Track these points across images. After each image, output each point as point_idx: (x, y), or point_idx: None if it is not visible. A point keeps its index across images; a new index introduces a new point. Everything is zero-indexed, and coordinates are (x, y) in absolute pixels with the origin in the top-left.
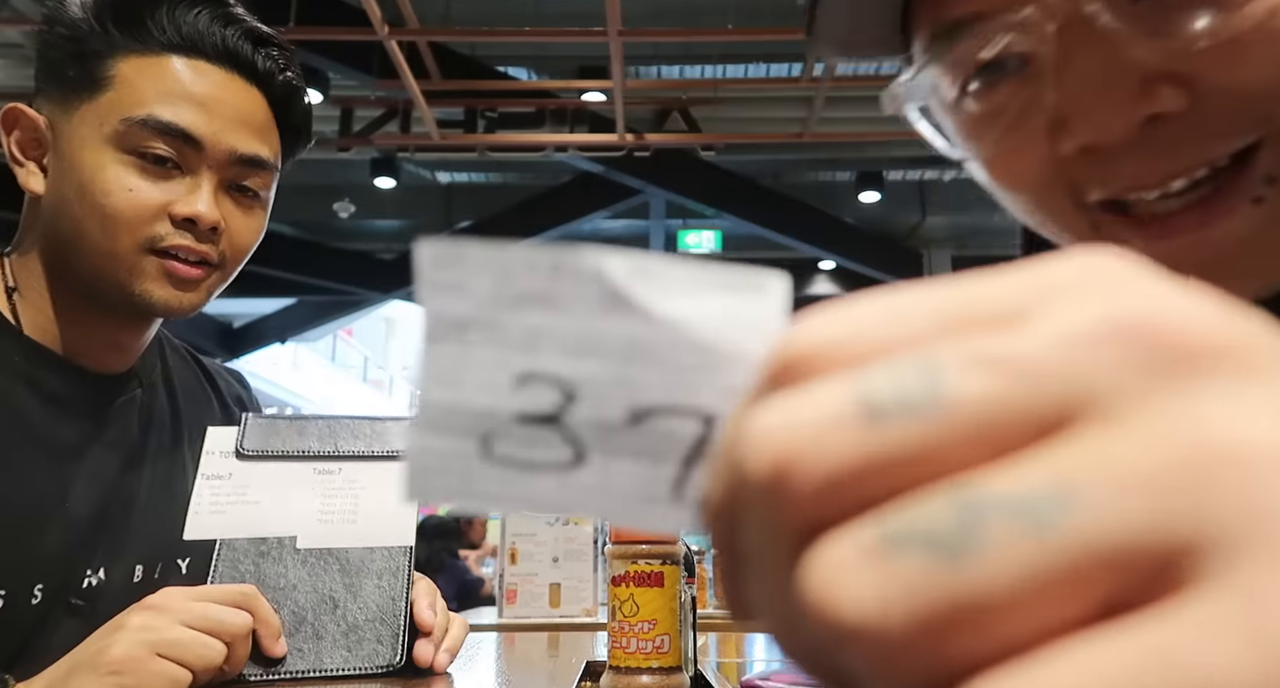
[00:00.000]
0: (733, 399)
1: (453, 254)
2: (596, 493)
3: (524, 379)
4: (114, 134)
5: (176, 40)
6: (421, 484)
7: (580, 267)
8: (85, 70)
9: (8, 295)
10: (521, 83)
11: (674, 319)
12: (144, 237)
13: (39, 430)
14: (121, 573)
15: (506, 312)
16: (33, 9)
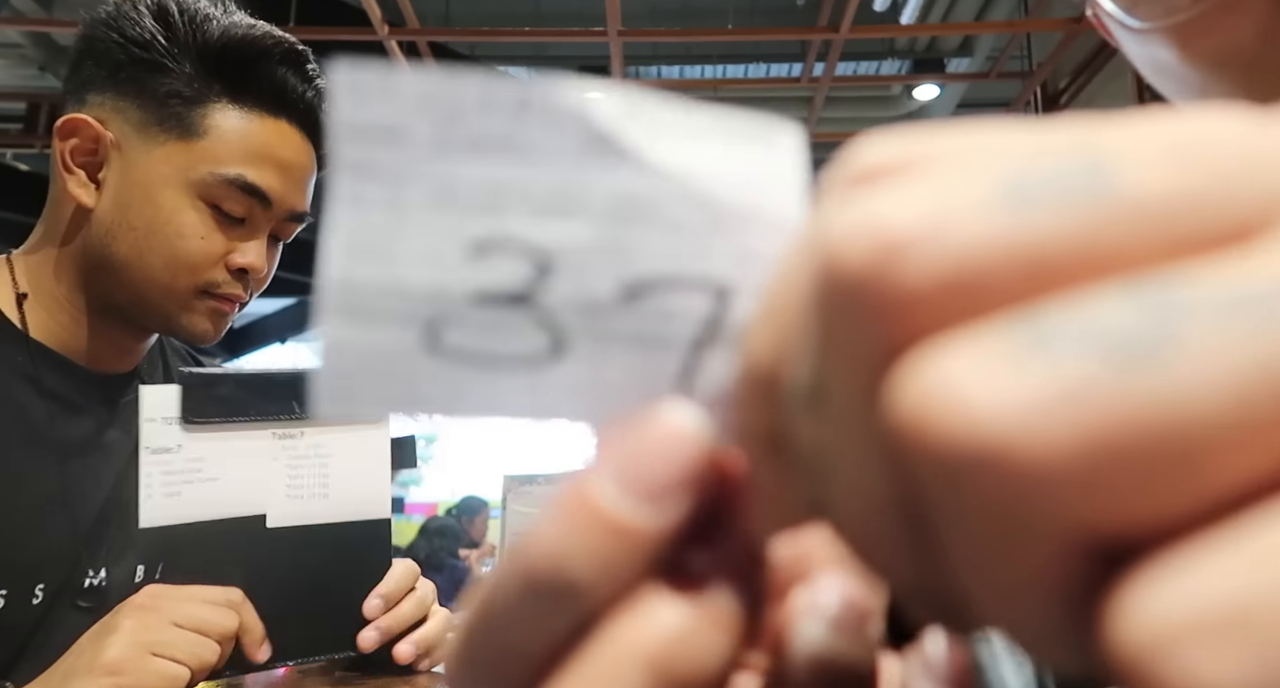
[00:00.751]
0: (750, 265)
1: (379, 86)
2: (581, 391)
3: (482, 247)
4: (200, 182)
5: (270, 98)
6: (345, 390)
7: (555, 104)
8: (178, 112)
9: (18, 302)
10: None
11: (675, 170)
12: (203, 281)
13: (43, 430)
14: (123, 573)
15: (457, 161)
16: (33, 9)
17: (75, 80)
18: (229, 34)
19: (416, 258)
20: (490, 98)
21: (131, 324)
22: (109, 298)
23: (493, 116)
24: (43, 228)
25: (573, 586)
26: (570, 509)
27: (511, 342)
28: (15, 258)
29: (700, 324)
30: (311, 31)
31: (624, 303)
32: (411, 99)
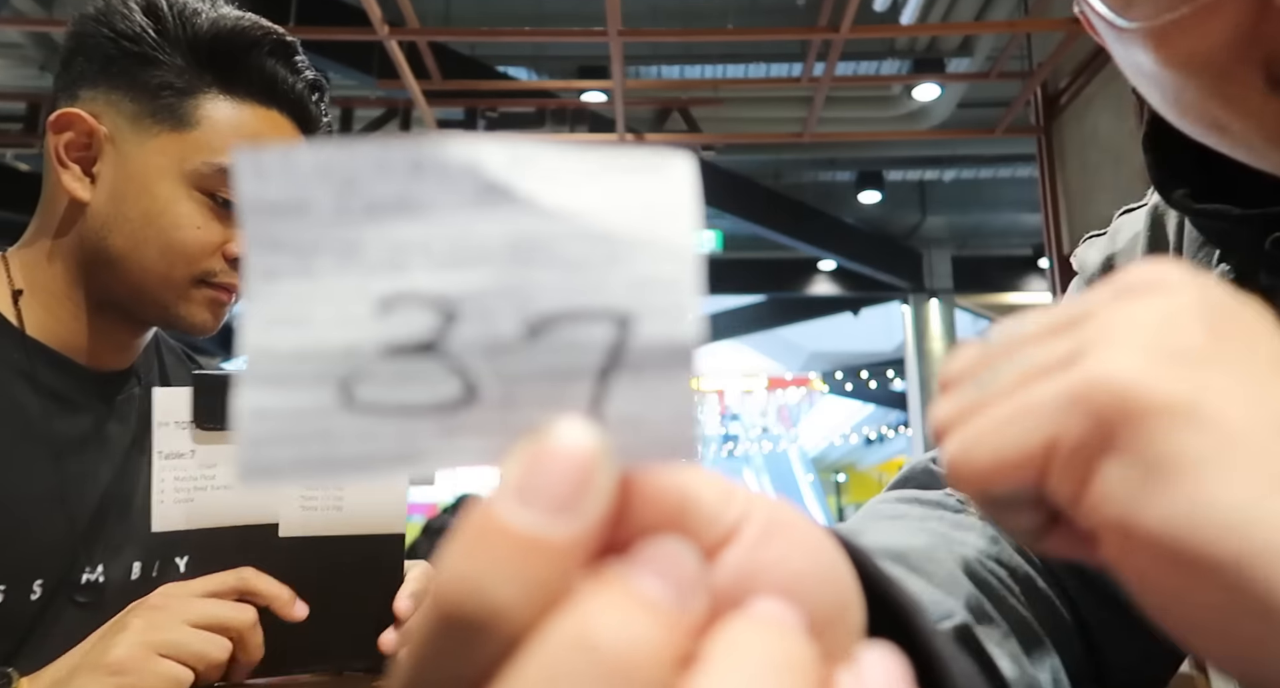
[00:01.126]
0: (648, 291)
1: (280, 164)
2: (496, 431)
3: (388, 303)
4: (194, 173)
5: (260, 88)
6: (265, 457)
7: (446, 161)
8: (170, 102)
9: (13, 299)
10: (522, 83)
11: (568, 210)
12: (199, 270)
13: (40, 428)
14: (119, 570)
15: (359, 225)
16: (33, 9)
17: (66, 77)
18: (218, 25)
19: (328, 320)
20: (384, 162)
21: (129, 318)
22: (107, 292)
23: (388, 180)
24: (37, 224)
25: (494, 609)
26: (478, 534)
27: (423, 390)
28: (11, 254)
29: (604, 352)
30: (311, 31)
31: (528, 341)
32: (310, 172)
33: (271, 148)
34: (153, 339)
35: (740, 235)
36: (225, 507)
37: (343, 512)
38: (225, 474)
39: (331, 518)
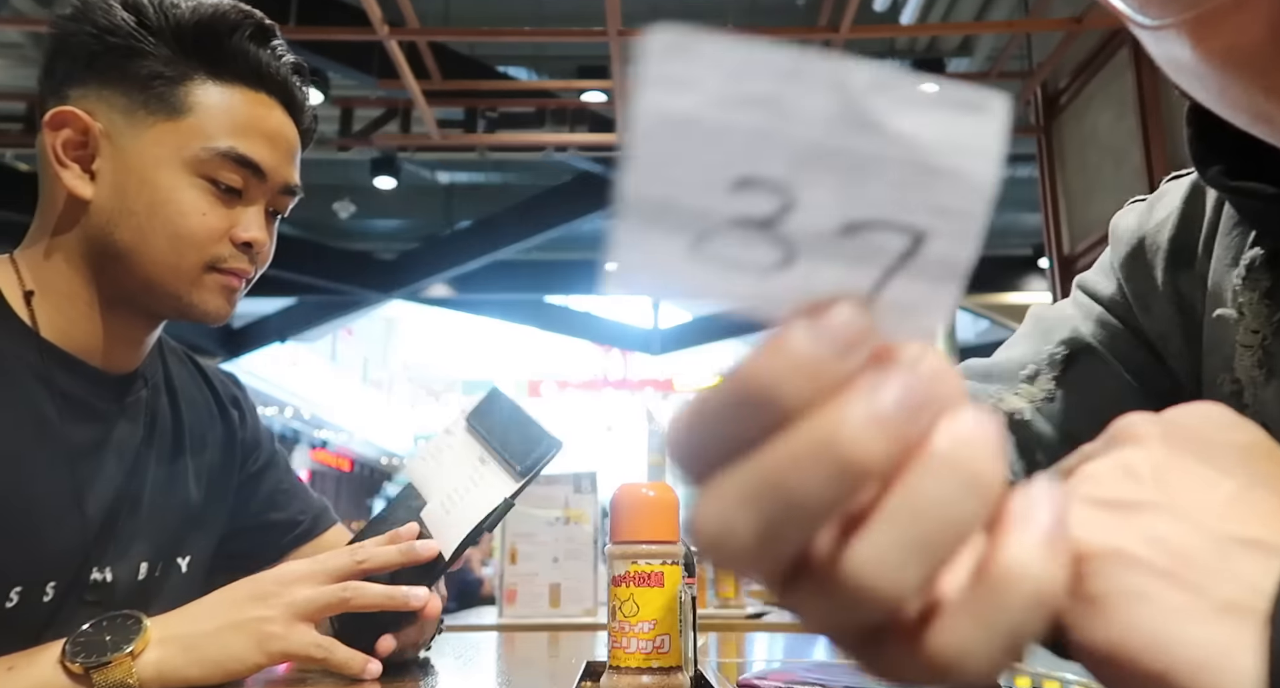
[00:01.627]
0: (946, 218)
1: (685, 45)
2: (794, 292)
3: (744, 183)
4: (193, 159)
5: (245, 71)
6: (626, 277)
7: (819, 73)
8: (160, 91)
9: (26, 299)
10: (522, 83)
11: (906, 136)
12: (209, 256)
13: (54, 430)
14: (127, 571)
15: (734, 111)
16: (33, 9)
17: (51, 80)
18: (199, 12)
19: (693, 185)
20: (768, 63)
21: (142, 312)
22: (118, 287)
23: (768, 78)
24: (38, 224)
25: (777, 395)
26: (778, 345)
27: (752, 253)
28: (18, 256)
29: (896, 257)
30: (311, 31)
31: (843, 235)
32: (707, 58)
33: (681, 30)
34: (156, 342)
35: None
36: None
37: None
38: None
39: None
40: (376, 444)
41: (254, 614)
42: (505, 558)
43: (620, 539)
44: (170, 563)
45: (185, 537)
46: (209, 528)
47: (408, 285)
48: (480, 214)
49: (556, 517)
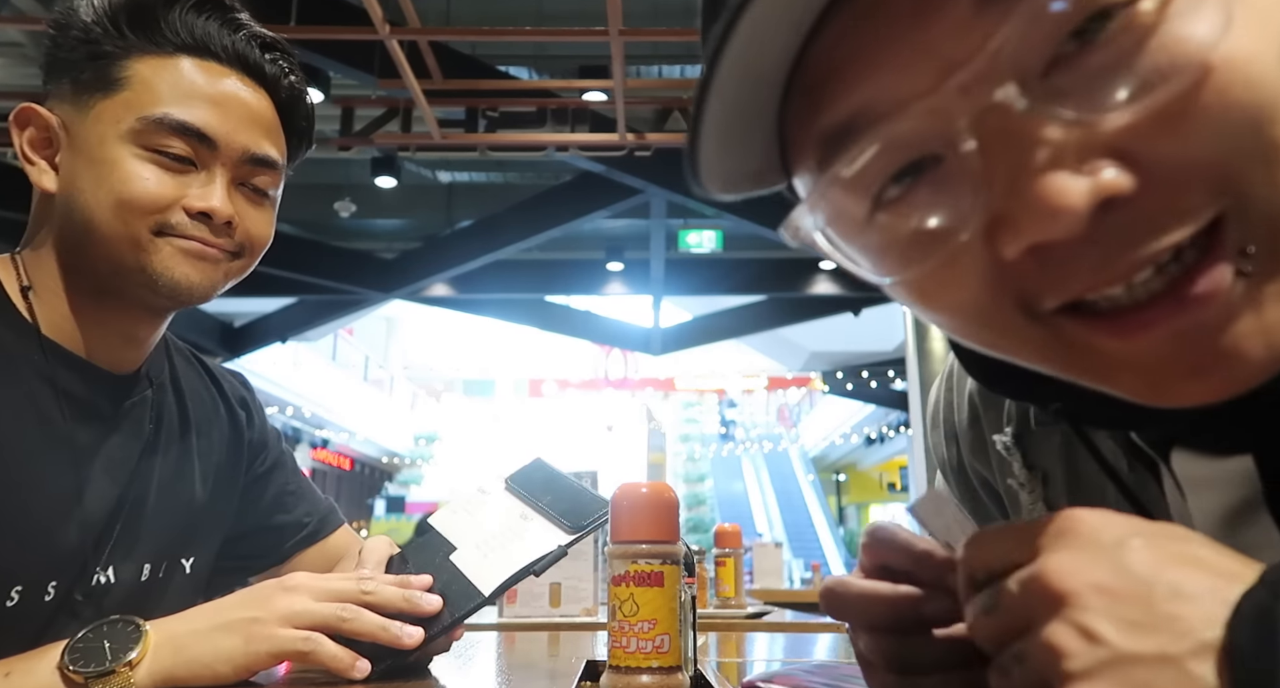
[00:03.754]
0: None
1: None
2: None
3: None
4: (131, 131)
5: (189, 41)
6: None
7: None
8: (100, 70)
9: (24, 295)
10: (522, 82)
11: None
12: (157, 222)
13: (58, 430)
14: (130, 572)
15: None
16: (33, 8)
17: (43, 93)
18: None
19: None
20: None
21: (125, 299)
22: (92, 274)
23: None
24: (30, 224)
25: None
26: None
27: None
28: (19, 255)
29: None
30: (312, 31)
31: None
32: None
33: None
34: (162, 341)
35: (740, 235)
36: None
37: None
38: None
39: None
40: (377, 443)
41: (244, 615)
42: None
43: (620, 539)
44: (174, 564)
45: (190, 537)
46: (214, 529)
47: (408, 285)
48: (481, 213)
49: None
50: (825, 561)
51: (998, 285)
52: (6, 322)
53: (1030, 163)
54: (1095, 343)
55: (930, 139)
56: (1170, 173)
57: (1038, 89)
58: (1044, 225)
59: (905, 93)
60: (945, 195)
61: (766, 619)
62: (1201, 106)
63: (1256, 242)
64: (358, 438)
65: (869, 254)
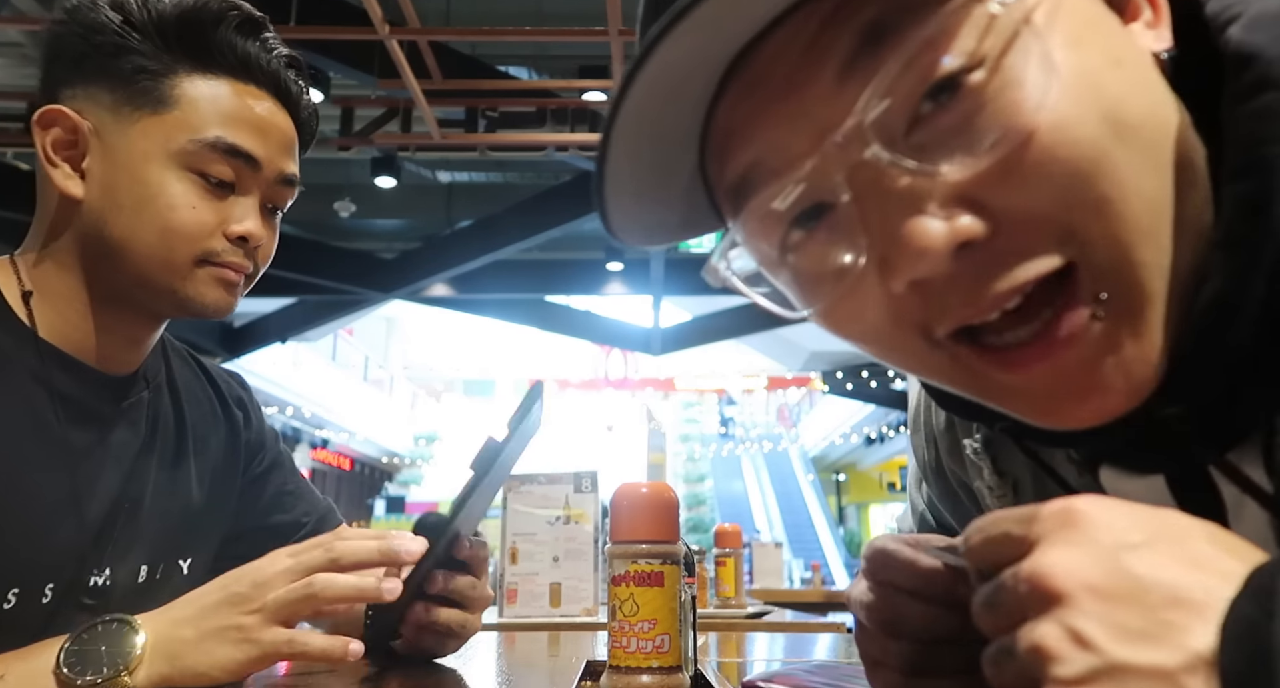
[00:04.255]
0: None
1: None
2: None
3: None
4: (181, 152)
5: (232, 62)
6: None
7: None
8: (146, 85)
9: (25, 300)
10: (522, 82)
11: None
12: (201, 250)
13: (54, 432)
14: (127, 573)
15: None
16: (33, 8)
17: (46, 83)
18: (182, 5)
19: None
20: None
21: (140, 309)
22: (112, 284)
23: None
24: (36, 225)
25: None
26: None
27: None
28: (18, 258)
29: None
30: (312, 31)
31: None
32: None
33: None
34: (159, 341)
35: None
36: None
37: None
38: None
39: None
40: (377, 443)
41: (232, 622)
42: (505, 558)
43: (620, 539)
44: (171, 565)
45: (187, 539)
46: (211, 530)
47: (408, 285)
48: (480, 213)
49: (557, 516)
50: (825, 561)
51: (896, 316)
52: (2, 327)
53: (898, 210)
54: (990, 374)
55: (815, 191)
56: (1014, 219)
57: (900, 145)
58: (914, 264)
59: (789, 152)
60: (839, 237)
61: (766, 619)
62: (1030, 163)
63: (1107, 289)
64: (357, 438)
65: (787, 289)
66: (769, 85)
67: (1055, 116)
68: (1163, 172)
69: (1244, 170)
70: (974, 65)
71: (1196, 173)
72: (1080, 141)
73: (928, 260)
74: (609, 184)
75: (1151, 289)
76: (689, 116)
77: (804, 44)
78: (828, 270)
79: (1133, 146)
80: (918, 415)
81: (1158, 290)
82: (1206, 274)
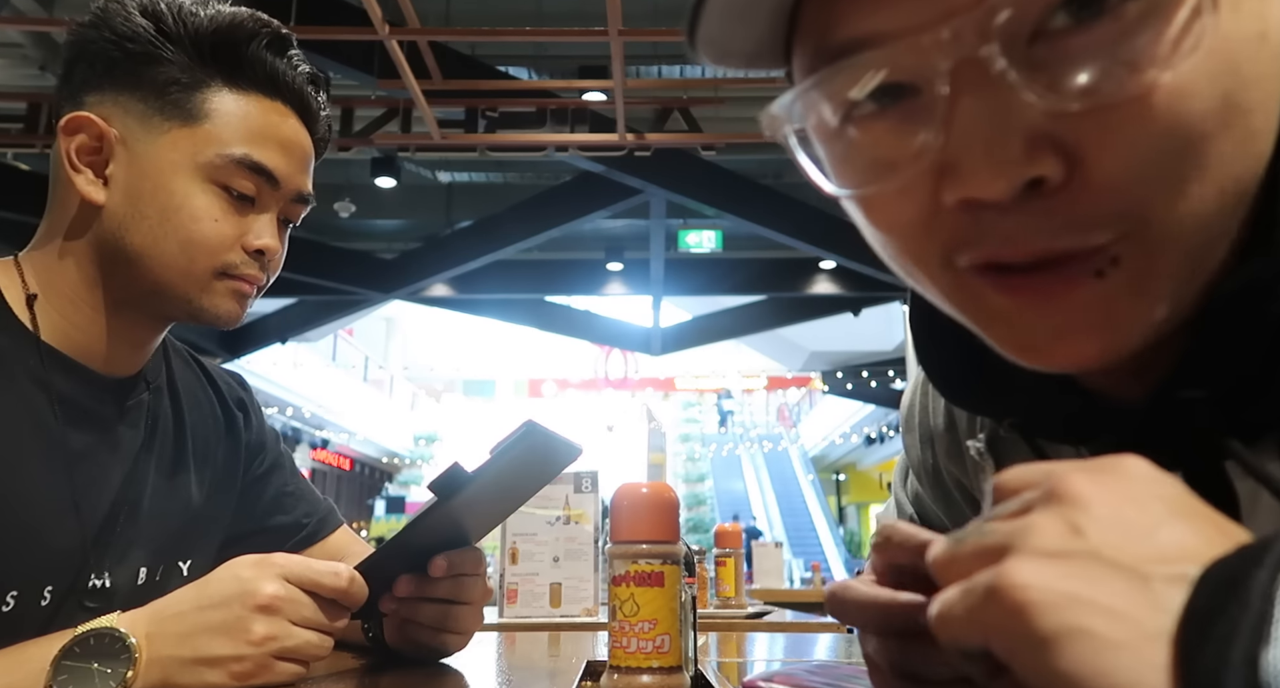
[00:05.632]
0: None
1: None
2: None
3: None
4: (207, 165)
5: (262, 78)
6: None
7: None
8: (178, 99)
9: (28, 302)
10: (522, 82)
11: None
12: (220, 262)
13: (54, 435)
14: (126, 575)
15: None
16: (34, 8)
17: (69, 85)
18: (217, 20)
19: None
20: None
21: (151, 315)
22: (126, 290)
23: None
24: (47, 226)
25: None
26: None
27: None
28: (23, 258)
29: None
30: (312, 31)
31: None
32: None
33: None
34: (161, 344)
35: (740, 235)
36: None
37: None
38: None
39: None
40: (377, 443)
41: (226, 653)
42: (506, 558)
43: (620, 539)
44: (171, 567)
45: (187, 541)
46: (212, 532)
47: (408, 285)
48: (480, 214)
49: (557, 516)
50: (825, 560)
51: (932, 222)
52: (3, 329)
53: (988, 122)
54: (985, 295)
55: (912, 71)
56: (1092, 178)
57: (1018, 54)
58: (981, 183)
59: (902, 25)
60: (912, 125)
61: (766, 619)
62: (1137, 122)
63: (1128, 256)
64: (358, 438)
65: (834, 163)
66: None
67: (1181, 82)
68: (1247, 162)
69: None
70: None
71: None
72: (1194, 116)
73: (997, 185)
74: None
75: (1179, 273)
76: None
77: None
78: (886, 156)
79: (1235, 133)
80: (911, 415)
81: (1184, 275)
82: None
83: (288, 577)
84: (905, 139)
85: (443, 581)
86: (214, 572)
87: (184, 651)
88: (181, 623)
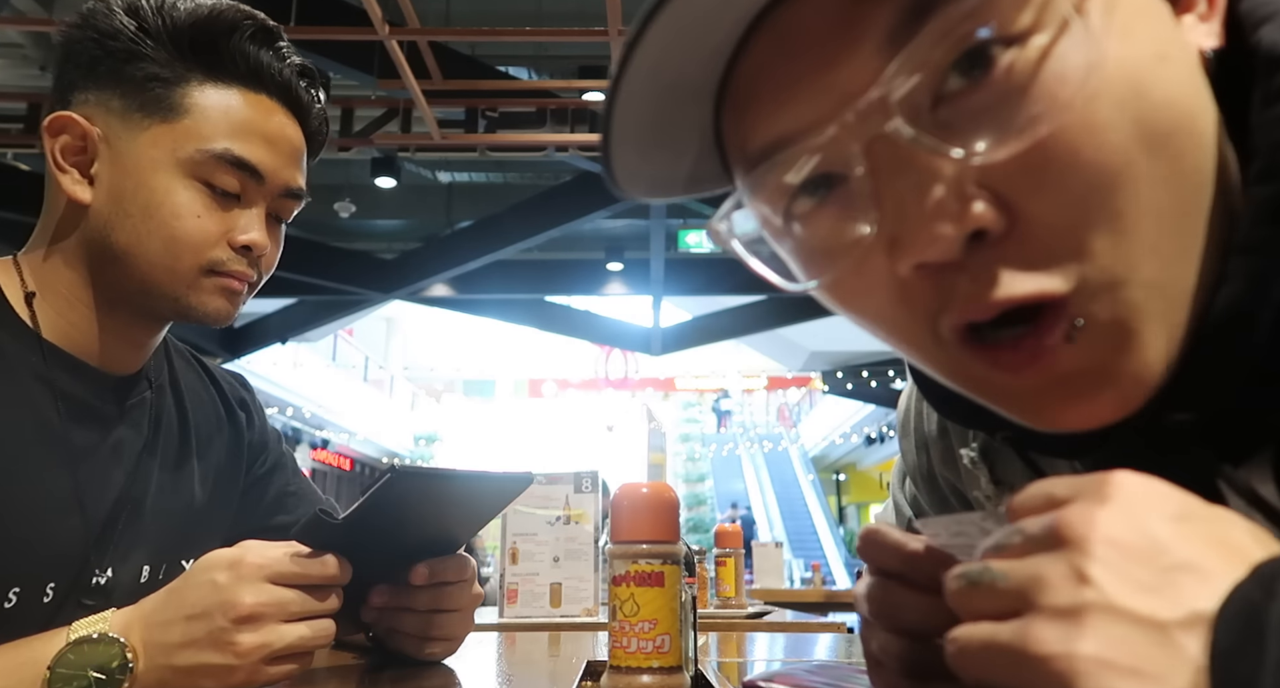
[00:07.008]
0: None
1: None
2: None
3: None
4: (189, 161)
5: (244, 72)
6: None
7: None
8: (158, 95)
9: (27, 301)
10: (522, 82)
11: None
12: (206, 259)
13: (56, 432)
14: (129, 573)
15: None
16: (33, 9)
17: (58, 86)
18: (196, 14)
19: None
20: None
21: (143, 314)
22: (116, 289)
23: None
24: (42, 226)
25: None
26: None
27: None
28: (21, 258)
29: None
30: (312, 31)
31: None
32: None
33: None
34: (162, 343)
35: None
36: None
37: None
38: None
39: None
40: (377, 444)
41: (218, 662)
42: (506, 558)
43: (621, 539)
44: (174, 565)
45: (189, 539)
46: (214, 530)
47: (408, 285)
48: (480, 214)
49: (557, 516)
50: (825, 560)
51: (902, 298)
52: (4, 326)
53: (913, 189)
54: (985, 375)
55: (830, 161)
56: (1031, 221)
57: (924, 120)
58: (923, 247)
59: (806, 121)
60: (850, 211)
61: (767, 619)
62: (1054, 162)
63: (1095, 311)
64: (358, 438)
65: (791, 258)
66: (801, 50)
67: (1088, 115)
68: (1183, 182)
69: (1266, 175)
70: (1012, 40)
71: (1227, 178)
72: (1108, 148)
73: (938, 245)
74: (616, 131)
75: (1148, 308)
76: (708, 68)
77: (843, 8)
78: (835, 243)
79: (1159, 157)
80: (907, 420)
81: (1155, 308)
82: (1226, 279)
83: (268, 577)
84: (846, 225)
85: (424, 589)
86: (189, 571)
87: (177, 660)
88: (169, 633)
